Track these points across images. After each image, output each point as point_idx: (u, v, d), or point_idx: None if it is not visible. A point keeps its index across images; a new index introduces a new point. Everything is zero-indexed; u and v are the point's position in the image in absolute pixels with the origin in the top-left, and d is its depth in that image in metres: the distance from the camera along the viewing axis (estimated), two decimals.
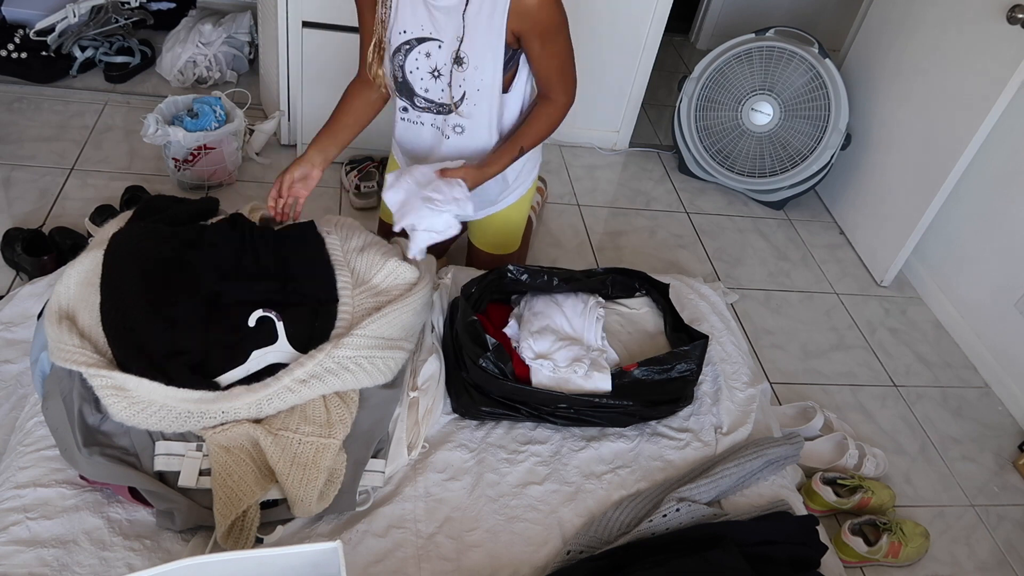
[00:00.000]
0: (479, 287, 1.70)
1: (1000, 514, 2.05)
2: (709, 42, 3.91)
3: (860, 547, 1.81)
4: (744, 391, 1.72)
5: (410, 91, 1.63)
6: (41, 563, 1.19)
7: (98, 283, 1.38)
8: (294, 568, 1.03)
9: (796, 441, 1.61)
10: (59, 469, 1.30)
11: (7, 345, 1.58)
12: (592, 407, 1.52)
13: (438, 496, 1.40)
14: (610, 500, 1.46)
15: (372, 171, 2.56)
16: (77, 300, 1.36)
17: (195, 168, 2.40)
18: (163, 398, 1.25)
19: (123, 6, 2.91)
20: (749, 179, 2.90)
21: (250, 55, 3.03)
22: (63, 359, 1.26)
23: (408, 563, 1.30)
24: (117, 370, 1.25)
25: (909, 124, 2.61)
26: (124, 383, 1.25)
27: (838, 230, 2.95)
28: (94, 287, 1.37)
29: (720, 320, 1.90)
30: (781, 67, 2.75)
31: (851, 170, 2.89)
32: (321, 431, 1.32)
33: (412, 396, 1.48)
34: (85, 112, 2.69)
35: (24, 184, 2.36)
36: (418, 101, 1.64)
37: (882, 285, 2.72)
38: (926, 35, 2.55)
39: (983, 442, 2.24)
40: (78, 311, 1.35)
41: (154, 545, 1.25)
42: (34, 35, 2.76)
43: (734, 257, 2.72)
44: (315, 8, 2.35)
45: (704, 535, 1.35)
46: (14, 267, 2.07)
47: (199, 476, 1.28)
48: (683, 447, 1.58)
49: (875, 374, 2.38)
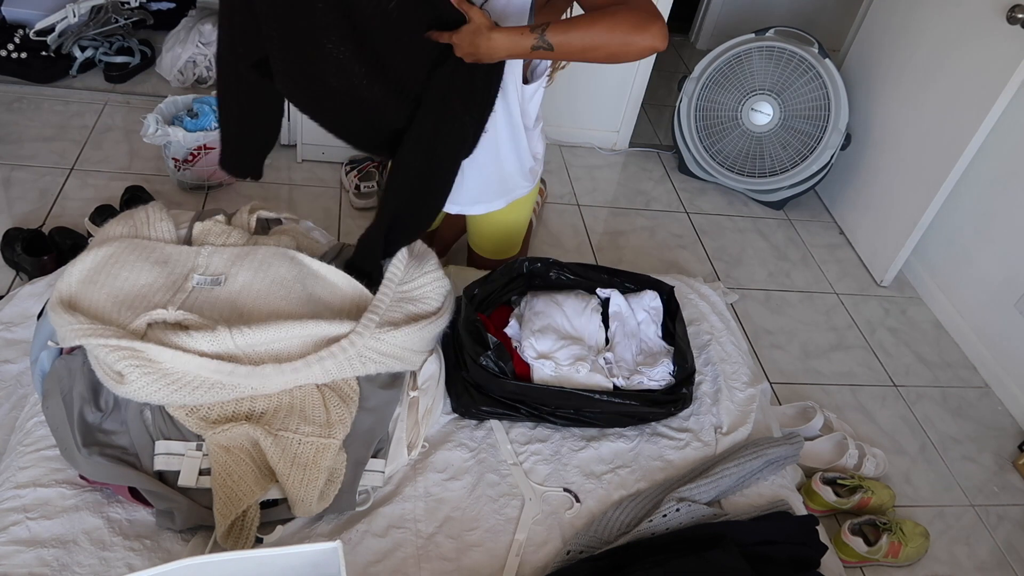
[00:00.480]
0: (482, 288, 1.70)
1: (1000, 514, 2.05)
2: (709, 42, 3.91)
3: (860, 547, 1.81)
4: (744, 391, 1.72)
5: None
6: (41, 563, 1.19)
7: (100, 280, 1.38)
8: (294, 568, 1.03)
9: (796, 441, 1.61)
10: (59, 469, 1.30)
11: (7, 345, 1.58)
12: (592, 404, 1.52)
13: (438, 496, 1.41)
14: (610, 500, 1.46)
15: (372, 171, 2.56)
16: (80, 293, 1.36)
17: (195, 168, 2.40)
18: (196, 368, 1.26)
19: (123, 6, 2.91)
20: (749, 179, 2.90)
21: None
22: (79, 336, 1.26)
23: (408, 563, 1.30)
24: (139, 341, 1.26)
25: (909, 124, 2.61)
26: (149, 353, 1.26)
27: (838, 230, 2.95)
28: (95, 284, 1.38)
29: (720, 320, 1.90)
30: (781, 67, 2.75)
31: (851, 170, 2.89)
32: (321, 431, 1.32)
33: (412, 396, 1.48)
34: (85, 112, 2.69)
35: (24, 184, 2.36)
36: None
37: (882, 285, 2.72)
38: (926, 35, 2.55)
39: (983, 442, 2.24)
40: (80, 300, 1.35)
41: (154, 545, 1.25)
42: (34, 35, 2.76)
43: (734, 257, 2.72)
44: None
45: (704, 535, 1.35)
46: (14, 267, 2.07)
47: (199, 476, 1.28)
48: (683, 447, 1.58)
49: (875, 374, 2.38)
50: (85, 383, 1.31)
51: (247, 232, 1.64)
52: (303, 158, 2.67)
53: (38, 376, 1.37)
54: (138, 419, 1.31)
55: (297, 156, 2.67)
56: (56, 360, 1.36)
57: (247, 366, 1.31)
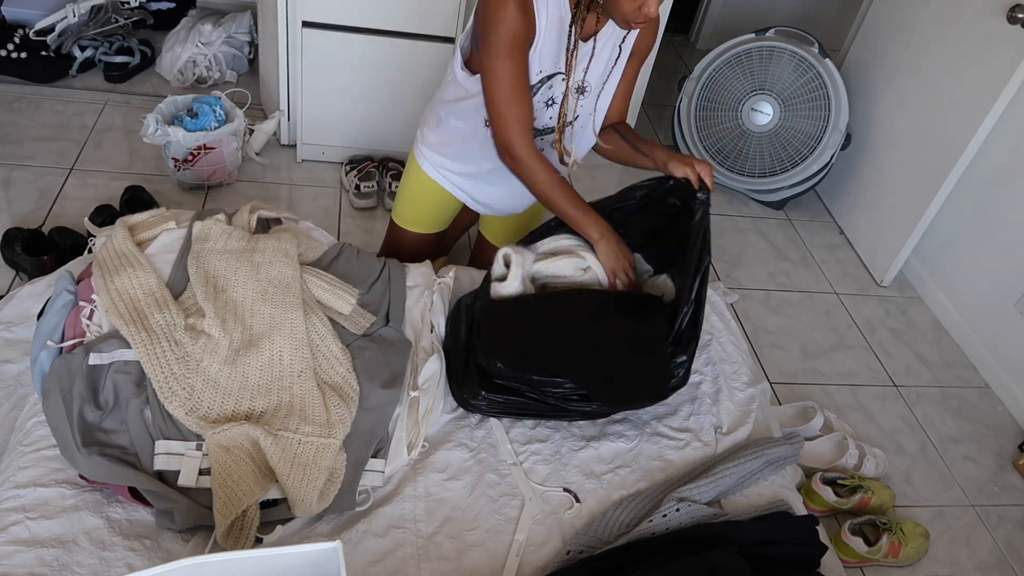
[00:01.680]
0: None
1: (1000, 514, 2.04)
2: (709, 42, 3.91)
3: (860, 547, 1.81)
4: (744, 391, 1.72)
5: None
6: (41, 563, 1.19)
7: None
8: (294, 568, 1.03)
9: (796, 441, 1.61)
10: (59, 469, 1.30)
11: (7, 345, 1.58)
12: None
13: (438, 496, 1.40)
14: (610, 500, 1.46)
15: (372, 171, 2.56)
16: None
17: (195, 168, 2.40)
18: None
19: (123, 6, 2.91)
20: (749, 179, 2.90)
21: (250, 55, 3.03)
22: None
23: (408, 563, 1.30)
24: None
25: (909, 124, 2.61)
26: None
27: (838, 230, 2.95)
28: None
29: (720, 320, 1.90)
30: (781, 67, 2.75)
31: (851, 170, 2.89)
32: (321, 431, 1.32)
33: (412, 396, 1.48)
34: (85, 112, 2.69)
35: (24, 184, 2.36)
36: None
37: (882, 285, 2.72)
38: (926, 35, 2.55)
39: (983, 442, 2.24)
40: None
41: (154, 545, 1.25)
42: (34, 35, 2.76)
43: (734, 257, 2.72)
44: (315, 8, 2.35)
45: (704, 535, 1.35)
46: (14, 267, 2.07)
47: (199, 476, 1.28)
48: (683, 447, 1.58)
49: (875, 374, 2.38)
50: (85, 382, 1.31)
51: (247, 232, 1.64)
52: (303, 158, 2.67)
53: (38, 376, 1.37)
54: (138, 418, 1.31)
55: (297, 156, 2.67)
56: (56, 359, 1.36)
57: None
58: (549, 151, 1.71)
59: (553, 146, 1.69)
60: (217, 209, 1.69)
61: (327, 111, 2.56)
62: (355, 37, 2.40)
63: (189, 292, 1.48)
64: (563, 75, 1.56)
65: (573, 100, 1.62)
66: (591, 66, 1.60)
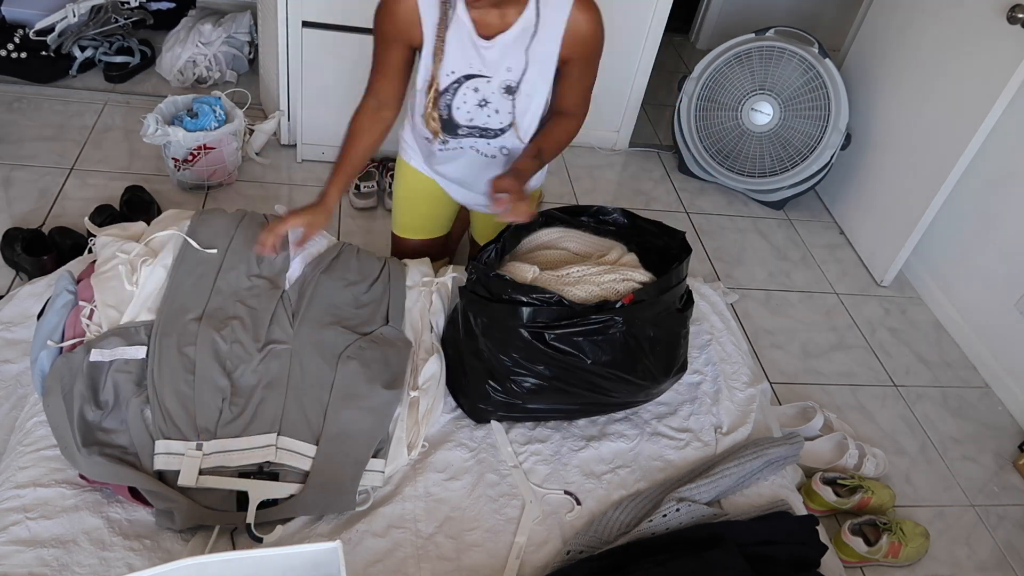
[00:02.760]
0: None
1: (1000, 514, 2.05)
2: (709, 42, 3.91)
3: (860, 547, 1.81)
4: (744, 391, 1.72)
5: (455, 126, 1.63)
6: (41, 563, 1.19)
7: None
8: (294, 568, 1.03)
9: (796, 441, 1.61)
10: (59, 469, 1.30)
11: (7, 345, 1.58)
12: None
13: (438, 496, 1.40)
14: (610, 500, 1.46)
15: (372, 171, 2.57)
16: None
17: (195, 168, 2.40)
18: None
19: (123, 6, 2.91)
20: (749, 179, 2.90)
21: (250, 55, 3.03)
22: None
23: (408, 563, 1.30)
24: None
25: (909, 124, 2.61)
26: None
27: (838, 230, 2.95)
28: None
29: (720, 320, 1.90)
30: (781, 67, 2.75)
31: (851, 170, 2.89)
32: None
33: (412, 396, 1.48)
34: (85, 112, 2.69)
35: (24, 184, 2.36)
36: (461, 131, 1.65)
37: (882, 285, 2.72)
38: (926, 35, 2.55)
39: (983, 442, 2.24)
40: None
41: (154, 545, 1.25)
42: (34, 35, 2.76)
43: (734, 257, 2.72)
44: (315, 8, 2.35)
45: (704, 535, 1.35)
46: (14, 267, 2.07)
47: (199, 476, 1.28)
48: (683, 447, 1.58)
49: (875, 374, 2.38)
50: (85, 381, 1.31)
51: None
52: (303, 158, 2.67)
53: (38, 376, 1.37)
54: (138, 418, 1.31)
55: (297, 156, 2.67)
56: (56, 359, 1.36)
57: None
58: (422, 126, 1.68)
59: (432, 129, 1.66)
60: (217, 209, 1.69)
61: (327, 111, 2.56)
62: (355, 37, 2.40)
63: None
64: (486, 77, 1.56)
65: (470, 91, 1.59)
66: (502, 67, 1.56)
